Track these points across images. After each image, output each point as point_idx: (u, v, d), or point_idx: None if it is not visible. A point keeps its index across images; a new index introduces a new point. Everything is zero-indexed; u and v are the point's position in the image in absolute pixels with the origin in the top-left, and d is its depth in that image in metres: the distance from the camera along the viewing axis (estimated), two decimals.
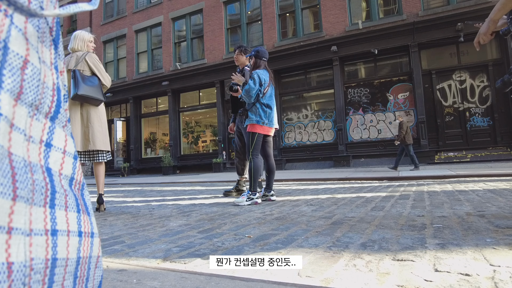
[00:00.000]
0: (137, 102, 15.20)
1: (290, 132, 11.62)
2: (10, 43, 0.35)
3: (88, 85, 2.97)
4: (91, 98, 2.99)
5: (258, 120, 3.22)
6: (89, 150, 3.10)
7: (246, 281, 1.04)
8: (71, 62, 3.06)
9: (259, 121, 3.22)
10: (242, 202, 3.05)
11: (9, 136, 0.34)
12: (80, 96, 2.91)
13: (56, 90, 0.44)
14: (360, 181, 5.33)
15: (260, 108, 3.24)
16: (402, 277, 1.03)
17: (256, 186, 3.15)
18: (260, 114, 3.23)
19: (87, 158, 3.11)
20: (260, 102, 3.23)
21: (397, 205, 2.52)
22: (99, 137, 3.08)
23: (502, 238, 1.41)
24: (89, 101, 3.03)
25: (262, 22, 12.11)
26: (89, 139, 3.03)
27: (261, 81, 3.20)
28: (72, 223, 0.45)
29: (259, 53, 3.35)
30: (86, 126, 3.05)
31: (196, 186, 6.26)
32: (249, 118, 3.26)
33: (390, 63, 10.44)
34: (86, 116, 3.06)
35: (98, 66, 3.14)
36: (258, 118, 3.22)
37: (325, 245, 1.46)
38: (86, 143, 3.03)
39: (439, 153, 9.44)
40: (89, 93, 2.96)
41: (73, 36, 3.20)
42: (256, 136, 3.20)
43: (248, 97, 3.17)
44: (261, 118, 3.23)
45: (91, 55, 3.13)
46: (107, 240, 1.84)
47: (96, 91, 3.03)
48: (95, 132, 3.06)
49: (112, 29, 15.98)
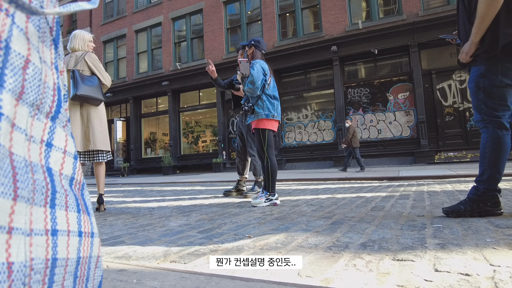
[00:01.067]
0: (137, 102, 15.20)
1: (290, 132, 11.62)
2: (12, 42, 0.35)
3: (88, 85, 2.97)
4: (91, 98, 2.98)
5: (268, 113, 2.94)
6: (90, 150, 3.10)
7: (246, 281, 1.04)
8: (70, 62, 3.05)
9: (268, 115, 2.94)
10: (261, 204, 2.89)
11: (11, 136, 0.34)
12: (79, 96, 2.91)
13: (57, 90, 0.44)
14: (360, 181, 5.33)
15: (267, 100, 2.97)
16: (402, 277, 1.03)
17: (274, 186, 2.97)
18: (268, 107, 2.95)
19: (86, 158, 3.10)
20: (266, 93, 2.98)
21: (397, 205, 2.52)
22: (100, 137, 3.08)
23: (502, 238, 1.41)
24: (89, 101, 3.03)
25: (262, 22, 12.11)
26: (89, 139, 3.03)
27: (264, 70, 2.96)
28: (72, 223, 0.45)
29: (260, 44, 3.14)
30: (87, 126, 3.04)
31: (196, 186, 6.26)
32: (255, 113, 2.96)
33: (390, 63, 10.44)
34: (86, 116, 3.06)
35: (97, 66, 3.13)
36: (267, 112, 2.94)
37: (325, 245, 1.46)
38: (87, 143, 3.03)
39: (439, 153, 9.44)
40: (89, 93, 2.95)
41: (72, 35, 3.17)
42: (266, 132, 2.96)
43: (255, 88, 2.89)
44: (270, 111, 2.96)
45: (90, 54, 3.13)
46: (107, 240, 1.84)
47: (96, 91, 3.03)
48: (96, 132, 3.06)
49: (112, 29, 15.98)
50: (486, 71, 1.82)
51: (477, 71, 1.87)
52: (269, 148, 2.97)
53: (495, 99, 1.82)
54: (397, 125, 10.07)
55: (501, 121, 1.82)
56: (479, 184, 1.87)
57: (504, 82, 1.78)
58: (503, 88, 1.79)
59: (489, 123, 1.85)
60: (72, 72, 2.96)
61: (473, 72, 1.91)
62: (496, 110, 1.82)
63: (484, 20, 1.75)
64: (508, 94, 1.81)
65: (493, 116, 1.83)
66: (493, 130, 1.83)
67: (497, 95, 1.81)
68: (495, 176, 1.83)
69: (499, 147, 1.81)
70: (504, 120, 1.83)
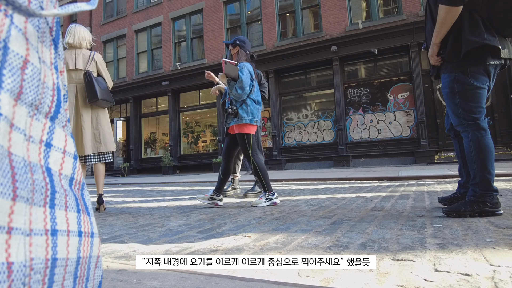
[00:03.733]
0: (137, 102, 15.20)
1: (290, 132, 11.62)
2: (10, 43, 0.35)
3: (102, 88, 2.98)
4: (105, 101, 2.99)
5: (251, 119, 2.90)
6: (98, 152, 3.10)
7: (246, 281, 1.04)
8: (78, 61, 3.01)
9: (252, 120, 2.90)
10: (261, 204, 2.87)
11: (9, 136, 0.34)
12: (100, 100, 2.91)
13: (56, 90, 0.44)
14: (360, 181, 5.33)
15: (251, 105, 2.91)
16: (402, 277, 1.03)
17: (270, 185, 2.94)
18: (252, 112, 2.91)
19: (90, 159, 3.10)
20: (251, 98, 2.91)
21: (397, 205, 2.52)
22: (109, 138, 3.12)
23: (502, 238, 1.41)
24: (101, 104, 3.03)
25: (262, 22, 12.10)
26: (100, 141, 3.04)
27: (251, 74, 2.88)
28: (72, 223, 0.45)
29: (245, 44, 3.03)
30: (96, 129, 3.05)
31: (196, 186, 6.26)
32: (239, 117, 2.89)
33: (390, 63, 10.44)
34: (95, 118, 3.06)
35: (105, 68, 3.15)
36: (251, 117, 2.90)
37: (325, 245, 1.46)
38: (98, 145, 3.03)
39: (439, 153, 9.44)
40: (105, 97, 2.98)
41: (73, 31, 3.07)
42: (250, 137, 2.92)
43: (242, 94, 2.82)
44: (253, 117, 2.91)
45: (99, 56, 3.14)
46: (107, 240, 1.84)
47: (108, 93, 3.05)
48: (106, 134, 3.08)
49: (112, 29, 15.98)
50: (457, 77, 1.91)
51: (449, 77, 1.95)
52: (253, 151, 2.93)
53: (471, 101, 1.90)
54: (397, 125, 10.07)
55: (479, 122, 1.89)
56: (475, 187, 1.90)
57: (476, 85, 1.87)
58: (476, 90, 1.88)
59: (468, 126, 1.92)
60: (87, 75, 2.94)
61: (445, 79, 1.99)
62: (473, 112, 1.90)
63: (443, 25, 1.86)
64: (481, 96, 1.90)
65: (471, 119, 1.90)
66: (473, 132, 1.90)
67: (472, 98, 1.89)
68: (486, 177, 1.86)
69: (482, 148, 1.87)
70: (481, 121, 1.90)
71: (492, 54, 1.82)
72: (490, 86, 1.94)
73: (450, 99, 1.98)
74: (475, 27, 1.79)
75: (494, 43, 1.77)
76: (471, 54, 1.84)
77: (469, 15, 1.81)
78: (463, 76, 1.88)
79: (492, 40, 1.77)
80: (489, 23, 1.80)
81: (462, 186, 2.21)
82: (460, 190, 2.22)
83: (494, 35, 1.79)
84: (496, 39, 1.79)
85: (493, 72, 1.89)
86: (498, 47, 1.79)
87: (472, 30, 1.79)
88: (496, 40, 1.79)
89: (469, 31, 1.79)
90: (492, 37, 1.78)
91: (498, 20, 1.79)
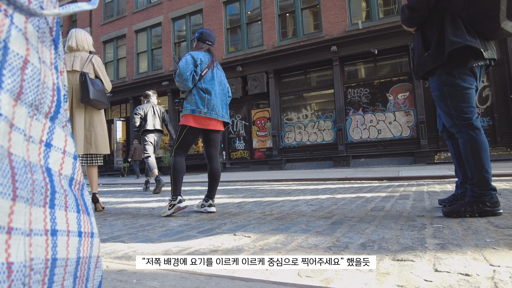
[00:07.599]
0: (137, 102, 15.18)
1: (290, 132, 11.62)
2: (10, 43, 0.35)
3: (96, 89, 2.99)
4: (98, 102, 3.00)
5: (194, 109, 2.57)
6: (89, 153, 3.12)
7: (246, 281, 1.04)
8: (75, 63, 3.05)
9: (195, 110, 2.57)
10: (165, 213, 2.58)
11: (9, 136, 0.34)
12: (92, 100, 2.92)
13: (56, 90, 0.44)
14: (360, 181, 5.33)
15: (196, 94, 2.59)
16: (402, 277, 1.03)
17: (176, 189, 2.59)
18: (196, 101, 2.58)
19: (84, 161, 3.13)
20: (197, 87, 2.61)
21: (397, 205, 2.52)
22: (101, 140, 3.11)
23: (502, 238, 1.41)
24: (95, 105, 3.04)
25: (262, 22, 12.11)
26: (91, 142, 3.05)
27: (196, 60, 2.63)
28: (72, 223, 0.45)
29: (203, 35, 2.84)
30: (88, 130, 3.06)
31: (196, 186, 6.26)
32: (184, 108, 2.64)
33: (390, 63, 10.44)
34: (88, 120, 3.07)
35: (103, 70, 3.17)
36: (194, 107, 2.58)
37: (325, 245, 1.46)
38: (88, 147, 3.04)
39: (439, 153, 9.44)
40: (98, 98, 2.98)
41: (74, 34, 3.15)
42: (185, 129, 2.60)
43: (182, 80, 2.56)
44: (197, 107, 2.58)
45: (97, 58, 3.16)
46: (107, 240, 1.84)
47: (103, 95, 3.06)
48: (98, 136, 3.09)
49: (112, 29, 15.98)
50: (446, 79, 1.95)
51: (438, 80, 1.99)
52: (178, 148, 2.64)
53: (462, 102, 1.93)
54: (397, 125, 10.07)
55: (472, 122, 1.92)
56: (474, 187, 1.91)
57: (464, 86, 1.91)
58: (465, 91, 1.91)
59: (462, 127, 1.94)
60: (83, 75, 2.96)
61: (434, 82, 2.03)
62: (465, 112, 1.92)
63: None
64: (471, 97, 1.93)
65: (464, 119, 1.93)
66: (467, 133, 1.92)
67: (462, 99, 1.92)
68: (484, 176, 1.87)
69: (477, 147, 1.89)
70: (474, 121, 1.92)
71: (475, 55, 1.87)
72: (478, 86, 1.98)
73: (441, 101, 2.01)
74: (457, 29, 1.84)
75: (475, 45, 1.82)
76: (455, 56, 1.88)
77: (451, 18, 1.87)
78: (451, 78, 1.93)
79: (474, 42, 1.82)
80: (471, 26, 1.86)
81: (460, 186, 2.22)
82: (458, 190, 2.23)
83: (475, 37, 1.84)
84: (477, 41, 1.83)
85: (479, 72, 1.94)
86: (480, 49, 1.83)
87: (455, 32, 1.84)
88: (477, 42, 1.83)
89: (451, 33, 1.84)
90: (473, 39, 1.83)
91: (479, 23, 1.84)
